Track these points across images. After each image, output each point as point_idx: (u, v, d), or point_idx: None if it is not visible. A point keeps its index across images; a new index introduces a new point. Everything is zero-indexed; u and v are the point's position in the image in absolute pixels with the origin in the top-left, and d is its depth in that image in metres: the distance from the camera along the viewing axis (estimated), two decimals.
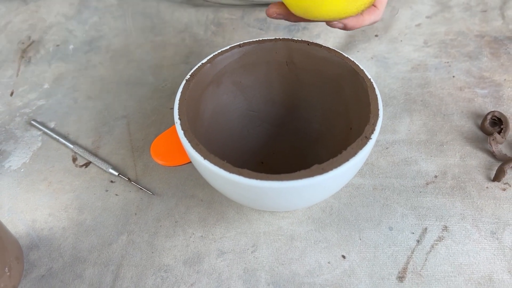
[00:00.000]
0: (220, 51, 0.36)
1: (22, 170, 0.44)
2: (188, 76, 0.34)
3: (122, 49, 0.59)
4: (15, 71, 0.57)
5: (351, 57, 0.36)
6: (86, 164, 0.44)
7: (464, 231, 0.37)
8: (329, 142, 0.40)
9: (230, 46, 0.37)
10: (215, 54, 0.36)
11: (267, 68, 0.39)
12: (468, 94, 0.48)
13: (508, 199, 0.39)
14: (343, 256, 0.36)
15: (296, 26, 0.60)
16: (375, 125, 0.30)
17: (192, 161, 0.31)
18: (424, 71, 0.52)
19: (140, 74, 0.55)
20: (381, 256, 0.36)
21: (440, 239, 0.36)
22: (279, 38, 0.37)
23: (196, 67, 0.35)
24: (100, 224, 0.39)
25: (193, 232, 0.38)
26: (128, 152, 0.45)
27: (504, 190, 0.39)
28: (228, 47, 0.37)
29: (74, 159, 0.45)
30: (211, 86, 0.37)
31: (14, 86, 0.55)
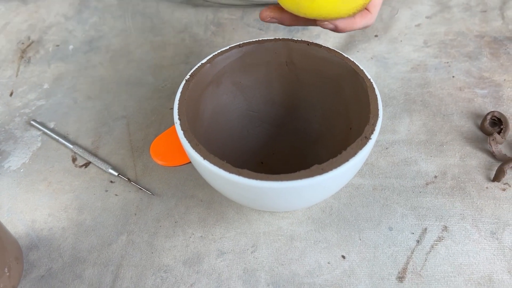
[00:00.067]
0: (220, 51, 0.36)
1: (22, 170, 0.44)
2: (187, 76, 0.34)
3: (122, 49, 0.59)
4: (15, 71, 0.57)
5: (351, 57, 0.36)
6: (86, 164, 0.44)
7: (464, 231, 0.37)
8: (329, 142, 0.39)
9: (230, 46, 0.37)
10: (215, 54, 0.36)
11: (267, 68, 0.39)
12: (468, 94, 0.48)
13: (508, 199, 0.39)
14: (343, 256, 0.36)
15: (296, 26, 0.60)
16: (375, 125, 0.30)
17: (192, 161, 0.31)
18: (424, 71, 0.52)
19: (140, 74, 0.55)
20: (381, 256, 0.36)
21: (440, 239, 0.36)
22: (279, 38, 0.37)
23: (196, 67, 0.35)
24: (99, 224, 0.39)
25: (192, 232, 0.38)
26: (128, 152, 0.45)
27: (504, 190, 0.39)
28: (228, 47, 0.37)
29: (74, 159, 0.45)
30: (211, 86, 0.37)
31: (14, 86, 0.55)
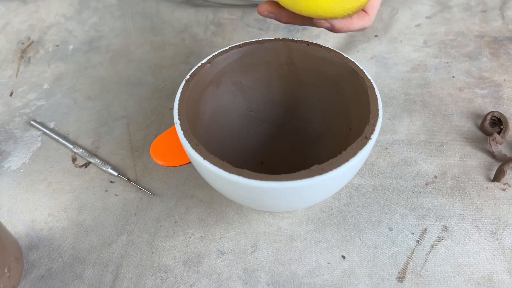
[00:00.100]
0: (220, 51, 0.36)
1: (22, 171, 0.44)
2: (188, 76, 0.34)
3: (122, 49, 0.59)
4: (15, 71, 0.57)
5: (351, 57, 0.36)
6: (86, 165, 0.44)
7: (464, 232, 0.37)
8: (329, 142, 0.39)
9: (230, 46, 0.37)
10: (215, 54, 0.36)
11: (267, 68, 0.39)
12: (467, 94, 0.48)
13: (508, 199, 0.39)
14: (343, 257, 0.36)
15: (296, 26, 0.60)
16: (374, 125, 0.30)
17: (192, 161, 0.31)
18: (424, 71, 0.52)
19: (139, 74, 0.55)
20: (381, 256, 0.36)
21: (440, 239, 0.36)
22: (279, 39, 0.37)
23: (196, 67, 0.35)
24: (99, 224, 0.39)
25: (192, 232, 0.38)
26: (128, 152, 0.45)
27: (503, 190, 0.39)
28: (228, 47, 0.37)
29: (74, 159, 0.45)
30: (211, 87, 0.37)
31: (14, 86, 0.55)
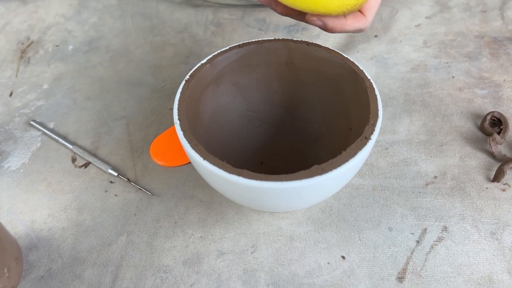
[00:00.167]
0: (219, 52, 0.36)
1: (21, 171, 0.44)
2: (187, 76, 0.34)
3: (122, 49, 0.59)
4: (14, 72, 0.57)
5: (350, 57, 0.36)
6: (86, 165, 0.44)
7: (463, 232, 0.37)
8: (328, 143, 0.39)
9: (230, 47, 0.37)
10: (215, 55, 0.36)
11: (267, 68, 0.39)
12: (467, 94, 0.48)
13: (508, 199, 0.39)
14: (343, 257, 0.36)
15: (296, 26, 0.60)
16: (374, 125, 0.30)
17: (192, 161, 0.31)
18: (424, 72, 0.52)
19: (139, 74, 0.55)
20: (380, 256, 0.35)
21: (439, 239, 0.36)
22: (278, 39, 0.37)
23: (196, 67, 0.35)
24: (99, 224, 0.39)
25: (192, 232, 0.38)
26: (128, 153, 0.45)
27: (503, 190, 0.39)
28: (227, 48, 0.37)
29: (74, 160, 0.45)
30: (211, 87, 0.37)
31: (13, 86, 0.55)
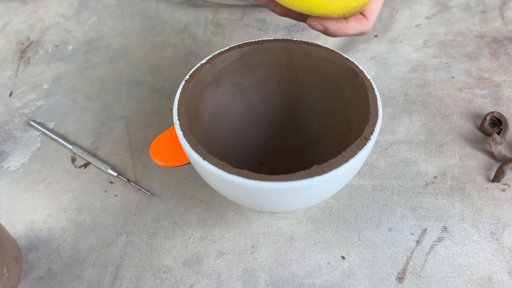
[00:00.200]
0: (219, 52, 0.36)
1: (21, 171, 0.44)
2: (187, 76, 0.34)
3: (121, 49, 0.59)
4: (14, 72, 0.57)
5: (350, 57, 0.35)
6: (85, 165, 0.44)
7: (463, 232, 0.37)
8: (328, 143, 0.39)
9: (230, 47, 0.37)
10: (215, 55, 0.36)
11: (267, 68, 0.39)
12: (467, 94, 0.48)
13: (508, 199, 0.38)
14: (343, 257, 0.36)
15: (296, 26, 0.60)
16: (374, 125, 0.30)
17: (191, 161, 0.31)
18: (424, 72, 0.52)
19: (139, 74, 0.55)
20: (380, 257, 0.35)
21: (439, 239, 0.36)
22: (278, 39, 0.37)
23: (196, 67, 0.35)
24: (99, 225, 0.39)
25: (192, 233, 0.38)
26: (127, 153, 0.45)
27: (503, 190, 0.39)
28: (227, 48, 0.37)
29: (73, 160, 0.45)
30: (211, 87, 0.37)
31: (13, 86, 0.55)
